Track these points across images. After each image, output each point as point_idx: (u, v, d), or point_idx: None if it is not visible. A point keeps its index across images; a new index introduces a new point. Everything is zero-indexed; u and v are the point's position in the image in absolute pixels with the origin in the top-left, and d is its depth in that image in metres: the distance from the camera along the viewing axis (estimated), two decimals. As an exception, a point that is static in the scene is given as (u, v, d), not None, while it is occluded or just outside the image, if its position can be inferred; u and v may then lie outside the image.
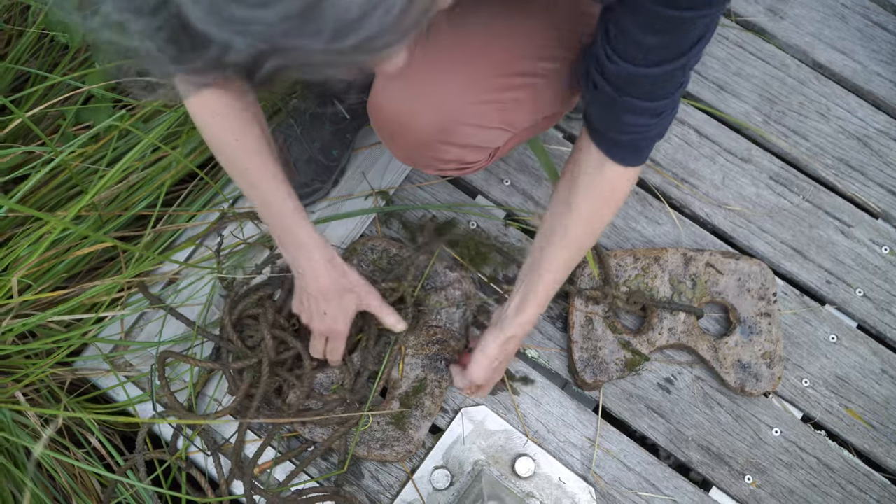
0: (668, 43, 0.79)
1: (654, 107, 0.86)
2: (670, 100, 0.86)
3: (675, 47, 0.79)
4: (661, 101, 0.85)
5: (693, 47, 0.79)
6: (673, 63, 0.80)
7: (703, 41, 0.79)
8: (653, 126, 0.89)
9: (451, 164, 1.08)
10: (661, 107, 0.86)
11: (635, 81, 0.83)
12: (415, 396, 1.24)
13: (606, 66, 0.84)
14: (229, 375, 1.21)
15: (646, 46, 0.79)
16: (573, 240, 1.01)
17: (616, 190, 0.97)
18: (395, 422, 1.23)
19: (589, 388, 1.29)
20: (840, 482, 1.27)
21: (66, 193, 1.30)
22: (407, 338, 1.27)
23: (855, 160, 1.47)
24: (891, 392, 1.32)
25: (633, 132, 0.90)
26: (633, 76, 0.83)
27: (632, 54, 0.81)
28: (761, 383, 1.27)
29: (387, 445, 1.22)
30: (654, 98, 0.85)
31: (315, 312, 1.14)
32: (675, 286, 1.31)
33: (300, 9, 0.45)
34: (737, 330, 1.30)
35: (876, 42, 1.56)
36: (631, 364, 1.28)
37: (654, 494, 1.25)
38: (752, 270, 1.32)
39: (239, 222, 1.35)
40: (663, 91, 0.84)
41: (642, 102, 0.85)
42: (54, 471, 1.19)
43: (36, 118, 1.34)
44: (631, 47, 0.80)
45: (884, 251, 1.41)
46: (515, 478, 1.23)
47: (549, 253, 1.02)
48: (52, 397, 1.23)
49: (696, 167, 1.45)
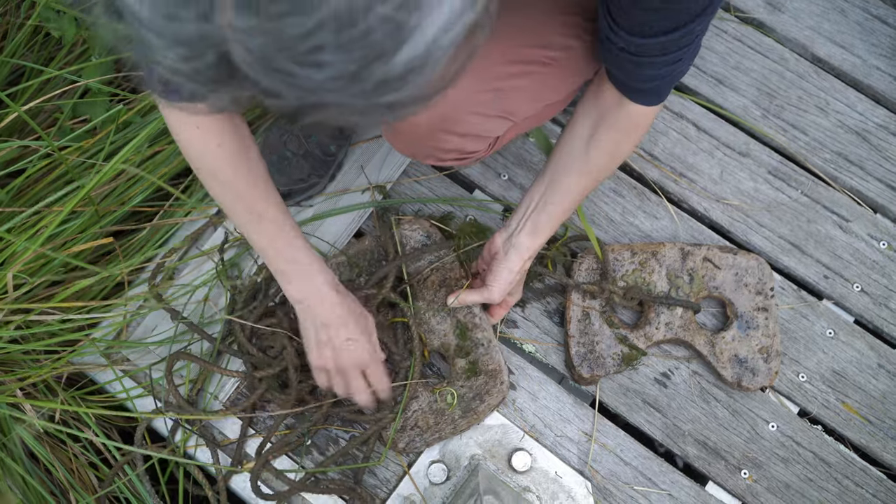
0: (672, 16, 0.79)
1: (672, 58, 0.86)
2: (689, 47, 0.86)
3: (681, 17, 0.79)
4: (679, 52, 0.85)
5: (699, 15, 0.79)
6: (682, 29, 0.80)
7: (711, 8, 0.79)
8: (674, 72, 0.90)
9: (451, 154, 1.07)
10: (679, 55, 0.86)
11: (646, 47, 0.84)
12: (465, 340, 1.24)
13: (614, 40, 0.85)
14: (251, 381, 1.21)
15: (649, 22, 0.80)
16: (594, 168, 1.03)
17: (639, 125, 0.99)
18: (472, 372, 1.22)
19: (586, 382, 1.29)
20: (836, 476, 1.27)
21: (63, 188, 1.30)
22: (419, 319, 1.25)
23: (854, 155, 1.47)
24: (887, 387, 1.32)
25: (656, 80, 0.91)
26: (643, 45, 0.84)
27: (637, 29, 0.82)
28: (758, 378, 1.27)
29: (484, 394, 1.22)
30: (671, 52, 0.85)
31: (338, 345, 1.06)
32: (673, 281, 1.30)
33: (352, 71, 0.44)
34: (734, 325, 1.30)
35: (875, 36, 1.55)
36: (628, 359, 1.28)
37: (650, 489, 1.26)
38: (749, 265, 1.32)
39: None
40: (678, 45, 0.84)
41: (660, 58, 0.86)
42: (52, 466, 1.19)
43: (32, 112, 1.34)
44: (635, 24, 0.82)
45: (882, 246, 1.41)
46: (512, 472, 1.24)
47: (568, 180, 1.04)
48: (49, 391, 1.24)
49: (695, 161, 1.45)
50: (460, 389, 1.22)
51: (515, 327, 1.33)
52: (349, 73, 0.44)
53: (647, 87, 0.93)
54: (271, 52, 0.43)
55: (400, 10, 0.43)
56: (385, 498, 1.23)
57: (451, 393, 1.22)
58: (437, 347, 1.25)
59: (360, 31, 0.42)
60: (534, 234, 1.09)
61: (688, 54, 0.86)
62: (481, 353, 1.23)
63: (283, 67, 0.44)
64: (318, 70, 0.44)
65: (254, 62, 0.44)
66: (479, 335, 1.24)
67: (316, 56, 0.43)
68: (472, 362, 1.23)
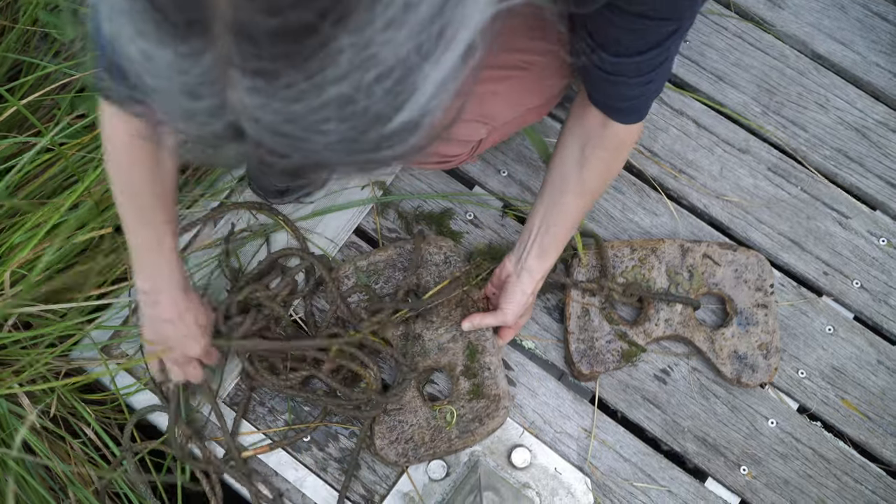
0: (646, 37, 0.81)
1: (645, 79, 0.88)
2: (661, 68, 0.87)
3: (654, 38, 0.82)
4: (651, 73, 0.87)
5: (672, 35, 0.81)
6: (656, 49, 0.82)
7: (681, 29, 0.81)
8: (649, 91, 0.91)
9: (431, 158, 1.08)
10: (651, 77, 0.88)
11: (621, 66, 0.85)
12: (473, 362, 1.24)
13: (591, 58, 0.86)
14: None
15: (625, 41, 0.82)
16: (587, 190, 1.06)
17: (624, 142, 1.01)
18: (474, 394, 1.23)
19: (585, 378, 1.29)
20: (835, 473, 1.28)
21: (63, 184, 1.29)
22: None
23: (853, 151, 1.47)
24: (886, 383, 1.32)
25: (632, 99, 0.93)
26: (618, 64, 0.85)
27: (612, 48, 0.84)
28: (757, 374, 1.27)
29: (484, 417, 1.22)
30: (645, 73, 0.87)
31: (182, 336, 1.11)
32: (672, 277, 1.30)
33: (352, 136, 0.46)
34: (733, 321, 1.30)
35: (875, 32, 1.55)
36: (627, 355, 1.28)
37: (649, 485, 1.26)
38: (749, 262, 1.32)
39: (236, 212, 1.35)
40: (651, 66, 0.86)
41: (634, 79, 0.88)
42: (50, 461, 1.19)
43: (31, 107, 1.33)
44: (610, 43, 0.83)
45: (881, 242, 1.41)
46: (511, 468, 1.24)
47: (565, 200, 1.07)
48: (48, 388, 1.23)
49: (694, 158, 1.45)
50: (460, 410, 1.22)
51: (515, 323, 1.33)
52: (350, 137, 0.46)
53: (625, 107, 0.95)
54: (279, 123, 0.45)
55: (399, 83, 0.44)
56: (384, 494, 1.23)
57: (451, 411, 1.22)
58: (442, 365, 1.25)
59: (361, 107, 0.44)
60: (541, 256, 1.13)
61: (658, 75, 0.89)
62: (486, 376, 1.24)
63: (291, 133, 0.46)
64: (323, 136, 0.46)
65: (261, 129, 0.46)
66: (488, 359, 1.24)
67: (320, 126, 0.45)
68: (476, 385, 1.23)
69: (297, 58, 0.41)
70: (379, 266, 1.29)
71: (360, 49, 0.42)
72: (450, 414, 1.21)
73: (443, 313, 1.26)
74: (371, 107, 0.45)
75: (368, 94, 0.44)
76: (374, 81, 0.43)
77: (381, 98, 0.44)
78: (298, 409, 1.26)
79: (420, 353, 1.24)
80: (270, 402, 1.26)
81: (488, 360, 1.24)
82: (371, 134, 0.46)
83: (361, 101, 0.44)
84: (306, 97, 0.43)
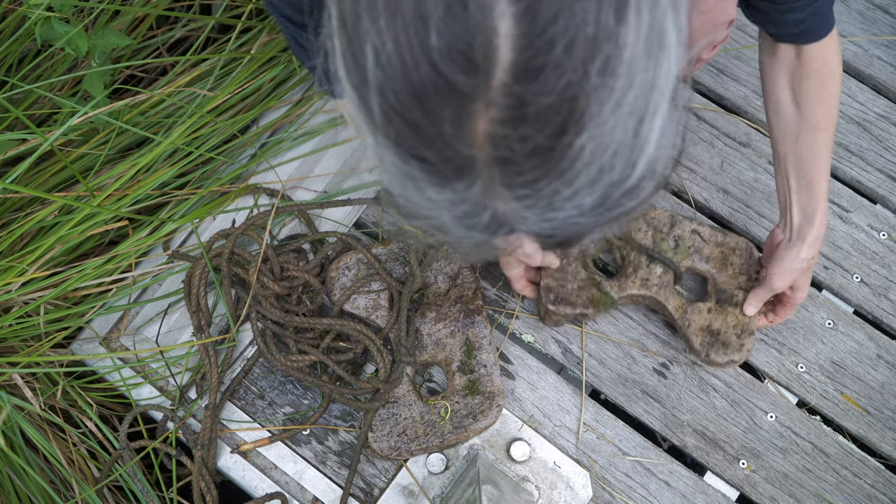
0: None
1: None
2: None
3: None
4: None
5: None
6: None
7: None
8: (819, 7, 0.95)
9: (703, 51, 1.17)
10: None
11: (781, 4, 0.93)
12: (470, 359, 1.25)
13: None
14: None
15: None
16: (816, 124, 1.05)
17: (826, 60, 1.02)
18: (469, 390, 1.23)
19: (552, 321, 1.27)
20: (834, 467, 1.28)
21: (72, 178, 1.30)
22: None
23: (854, 145, 1.46)
24: (886, 377, 1.32)
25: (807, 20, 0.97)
26: None
27: None
28: (729, 352, 1.24)
29: (478, 414, 1.22)
30: None
31: None
32: (658, 243, 1.28)
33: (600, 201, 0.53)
34: (712, 297, 1.28)
35: (877, 25, 1.54)
36: (597, 302, 1.25)
37: (648, 478, 1.26)
38: (738, 246, 1.30)
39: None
40: None
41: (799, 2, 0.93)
42: (52, 457, 1.20)
43: (32, 107, 1.34)
44: None
45: (882, 237, 1.40)
46: (511, 462, 1.24)
47: (801, 147, 1.06)
48: (49, 380, 1.24)
49: (695, 151, 1.44)
50: (455, 405, 1.23)
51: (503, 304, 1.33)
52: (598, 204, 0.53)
53: (804, 28, 0.98)
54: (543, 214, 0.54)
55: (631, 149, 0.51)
56: (384, 488, 1.23)
57: (446, 406, 1.22)
58: (439, 360, 1.26)
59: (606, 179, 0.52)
60: (803, 212, 1.10)
61: None
62: (483, 373, 1.24)
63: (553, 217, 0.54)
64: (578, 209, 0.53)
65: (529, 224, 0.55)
66: (484, 356, 1.25)
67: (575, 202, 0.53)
68: (472, 381, 1.24)
69: (550, 164, 0.49)
70: (381, 259, 1.30)
71: (597, 138, 0.49)
72: (444, 409, 1.22)
73: (443, 309, 1.27)
74: (613, 175, 0.52)
75: (610, 169, 0.51)
76: (612, 157, 0.50)
77: (620, 165, 0.51)
78: (298, 402, 1.27)
79: (417, 348, 1.25)
80: (270, 395, 1.27)
81: (485, 358, 1.25)
82: (615, 194, 0.53)
83: (606, 175, 0.51)
84: (563, 189, 0.51)
